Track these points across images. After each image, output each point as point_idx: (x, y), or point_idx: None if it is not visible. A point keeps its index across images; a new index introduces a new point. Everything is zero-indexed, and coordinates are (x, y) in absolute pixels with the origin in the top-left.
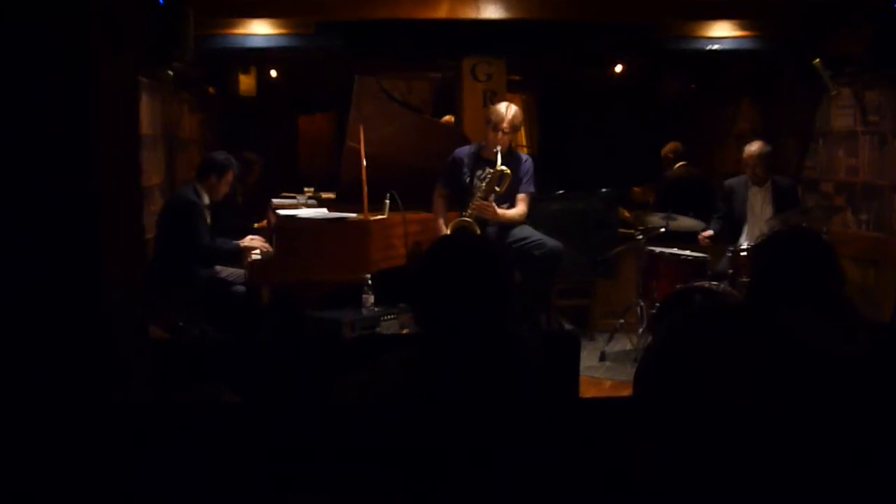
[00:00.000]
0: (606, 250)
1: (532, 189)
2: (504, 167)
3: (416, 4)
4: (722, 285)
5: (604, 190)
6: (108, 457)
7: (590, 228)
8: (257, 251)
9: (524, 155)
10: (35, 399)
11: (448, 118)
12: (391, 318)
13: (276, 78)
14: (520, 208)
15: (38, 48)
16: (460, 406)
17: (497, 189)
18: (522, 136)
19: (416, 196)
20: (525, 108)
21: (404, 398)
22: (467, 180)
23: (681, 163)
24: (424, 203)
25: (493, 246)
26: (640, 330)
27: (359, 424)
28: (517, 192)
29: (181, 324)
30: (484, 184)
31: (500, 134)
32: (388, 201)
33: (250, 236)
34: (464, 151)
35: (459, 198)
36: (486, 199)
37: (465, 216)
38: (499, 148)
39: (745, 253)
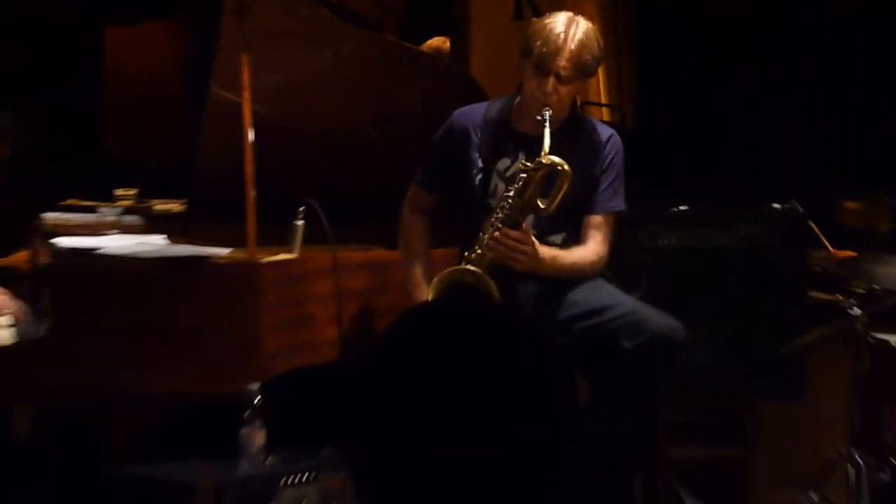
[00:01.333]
0: (783, 340)
1: (619, 205)
2: (556, 159)
3: None
4: None
5: (776, 206)
6: None
7: (745, 290)
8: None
9: (604, 128)
10: None
11: (438, 42)
12: (303, 484)
13: None
14: (592, 246)
15: None
16: None
17: (540, 204)
18: (601, 88)
19: (365, 214)
20: (609, 30)
21: None
22: (478, 180)
23: None
24: (384, 230)
25: (526, 330)
26: None
27: None
28: (587, 210)
29: None
30: (513, 191)
31: (550, 81)
32: (299, 223)
33: None
34: (472, 117)
35: (462, 219)
36: (515, 223)
37: (470, 259)
38: (548, 113)
39: None
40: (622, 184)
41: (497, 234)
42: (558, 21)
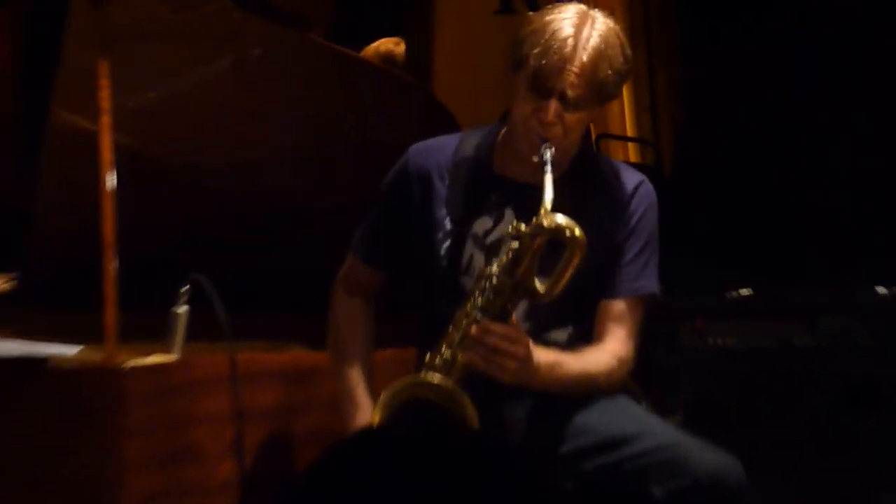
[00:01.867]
0: (889, 489)
1: (650, 285)
2: (563, 220)
3: None
4: None
5: (880, 290)
6: None
7: (836, 413)
8: None
9: (630, 172)
10: None
11: (388, 46)
12: None
13: None
14: (610, 347)
15: None
16: None
17: (539, 287)
18: (626, 114)
19: (279, 298)
20: (638, 29)
21: None
22: (445, 249)
23: None
24: (306, 321)
25: (515, 469)
26: None
27: None
28: (604, 292)
29: None
30: (498, 266)
31: (553, 105)
32: (181, 310)
33: None
34: (436, 157)
35: (422, 306)
36: (501, 313)
37: (433, 366)
38: (549, 151)
39: None
40: (655, 255)
41: (475, 328)
42: (565, 17)
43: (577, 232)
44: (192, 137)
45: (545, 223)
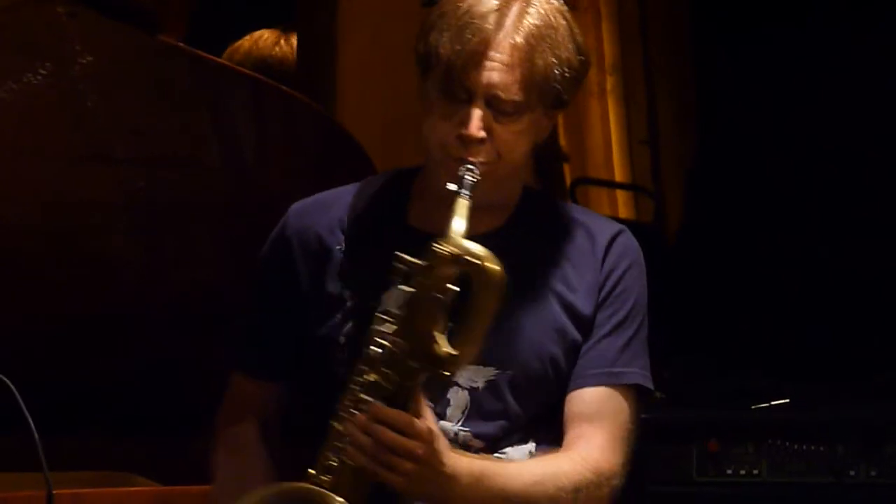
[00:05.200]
0: None
1: (638, 374)
2: (473, 246)
3: None
4: None
5: None
6: None
7: None
8: None
9: (606, 223)
10: None
11: (265, 41)
12: None
13: None
14: (580, 453)
15: None
16: None
17: (446, 349)
18: (614, 150)
19: (124, 409)
20: (632, 25)
21: None
22: (345, 334)
23: None
24: (170, 445)
25: None
26: None
27: None
28: (571, 381)
29: None
30: (389, 323)
31: (476, 111)
32: None
33: None
34: (326, 213)
35: (324, 409)
36: (401, 394)
37: (316, 478)
38: (468, 172)
39: None
40: (641, 333)
41: (361, 416)
42: None
43: (490, 263)
44: None
45: (445, 251)
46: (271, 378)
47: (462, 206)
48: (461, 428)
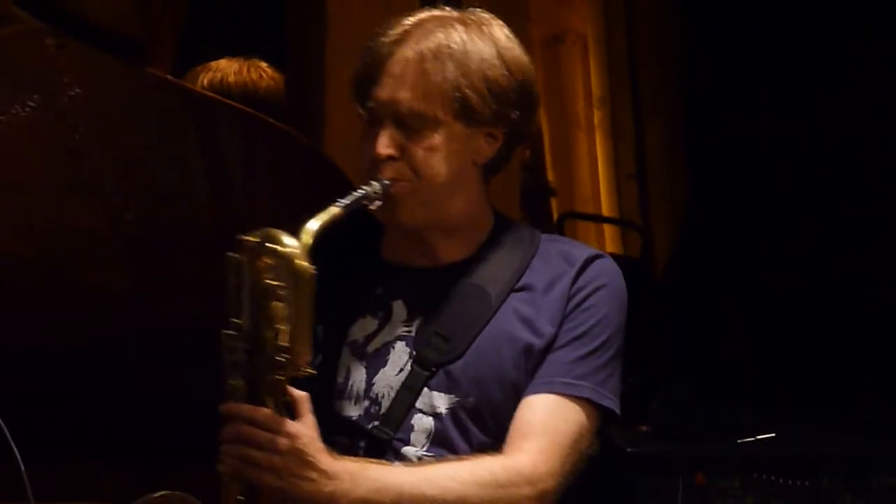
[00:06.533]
0: None
1: (592, 386)
2: (288, 238)
3: None
4: None
5: None
6: None
7: None
8: None
9: (584, 248)
10: None
11: (250, 76)
12: None
13: None
14: (507, 459)
15: None
16: None
17: (275, 341)
18: (602, 181)
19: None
20: (615, 60)
21: None
22: (316, 367)
23: None
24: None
25: None
26: None
27: None
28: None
29: None
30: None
31: (384, 131)
32: None
33: None
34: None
35: None
36: (261, 392)
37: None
38: (374, 184)
39: None
40: (608, 353)
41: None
42: (408, 17)
43: (294, 255)
44: None
45: (249, 239)
46: None
47: (329, 211)
48: (425, 453)
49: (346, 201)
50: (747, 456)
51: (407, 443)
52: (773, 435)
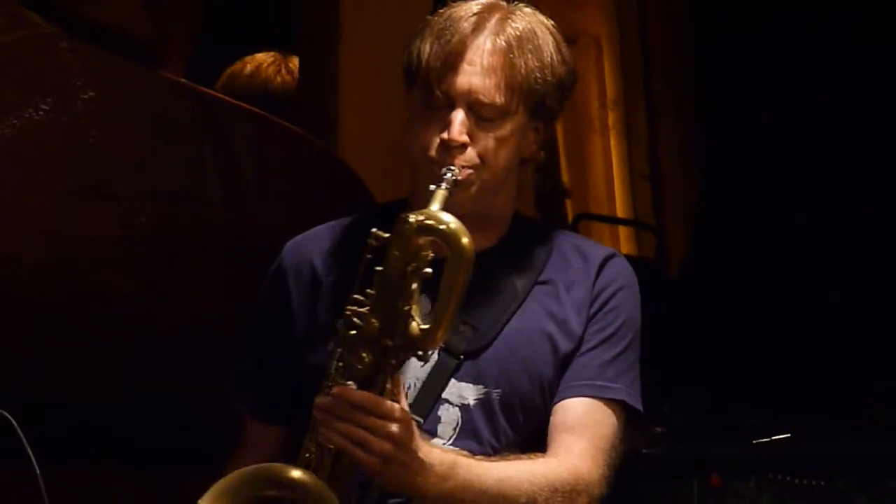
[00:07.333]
0: None
1: (626, 391)
2: (444, 215)
3: None
4: None
5: None
6: None
7: None
8: None
9: (598, 247)
10: None
11: (266, 68)
12: None
13: None
14: (560, 460)
15: None
16: None
17: (414, 331)
18: (616, 183)
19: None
20: (629, 64)
21: None
22: (335, 358)
23: None
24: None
25: None
26: None
27: None
28: (558, 393)
29: None
30: (359, 304)
31: (458, 116)
32: None
33: None
34: (316, 243)
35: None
36: (372, 376)
37: (305, 460)
38: (450, 171)
39: None
40: (631, 354)
41: (324, 398)
42: (469, 4)
43: (459, 232)
44: None
45: (411, 219)
46: (272, 422)
47: (440, 195)
48: (452, 446)
49: (445, 185)
50: (762, 457)
51: (434, 434)
52: (789, 436)
